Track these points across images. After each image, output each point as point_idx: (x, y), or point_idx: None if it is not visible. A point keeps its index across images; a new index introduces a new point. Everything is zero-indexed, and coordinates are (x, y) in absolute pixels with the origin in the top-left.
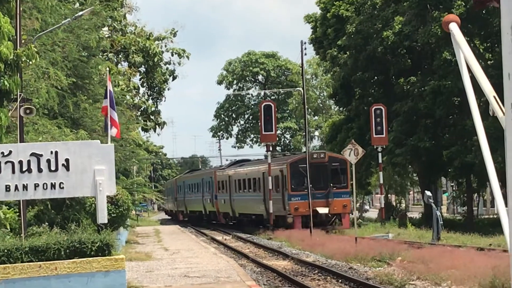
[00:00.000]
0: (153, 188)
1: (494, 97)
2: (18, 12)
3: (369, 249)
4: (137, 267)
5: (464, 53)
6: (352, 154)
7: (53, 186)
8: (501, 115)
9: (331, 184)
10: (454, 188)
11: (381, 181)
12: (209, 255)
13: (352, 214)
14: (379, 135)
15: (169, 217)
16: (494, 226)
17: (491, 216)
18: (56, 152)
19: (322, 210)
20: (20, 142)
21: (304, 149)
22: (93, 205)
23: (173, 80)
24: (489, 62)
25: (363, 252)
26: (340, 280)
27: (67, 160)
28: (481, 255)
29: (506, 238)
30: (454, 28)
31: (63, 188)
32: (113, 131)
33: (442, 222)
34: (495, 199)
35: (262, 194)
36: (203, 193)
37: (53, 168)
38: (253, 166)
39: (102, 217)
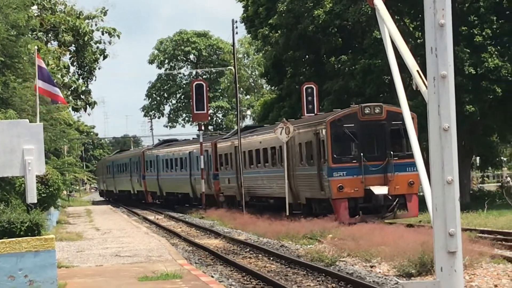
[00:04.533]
0: (84, 168)
1: (418, 71)
2: None
3: (301, 227)
4: (68, 247)
5: (389, 28)
6: (283, 132)
7: None
8: (424, 89)
9: (391, 152)
10: None
11: None
12: (140, 235)
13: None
14: (310, 114)
15: (104, 199)
16: (423, 203)
17: (420, 194)
18: None
19: (379, 190)
20: None
21: (236, 128)
22: (22, 185)
23: (103, 59)
24: (418, 41)
25: (295, 230)
26: (271, 258)
27: None
28: (411, 231)
29: (430, 214)
30: (379, 3)
31: None
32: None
33: None
34: (420, 177)
35: (286, 170)
36: (191, 170)
37: None
38: (272, 132)
39: (31, 197)
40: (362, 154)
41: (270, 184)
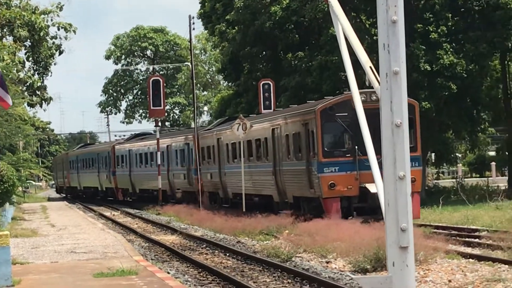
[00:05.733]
0: (40, 164)
1: (371, 67)
2: None
3: (257, 223)
4: (22, 244)
5: (342, 24)
6: (240, 128)
7: None
8: (377, 85)
9: None
10: None
11: None
12: (96, 231)
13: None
14: (267, 110)
15: (61, 196)
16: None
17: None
18: None
19: (375, 188)
20: None
21: (193, 124)
22: None
23: (59, 54)
24: (375, 37)
25: (251, 226)
26: (228, 254)
27: None
28: (366, 227)
29: (382, 209)
30: (333, 0)
31: None
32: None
33: None
34: (373, 172)
35: (272, 164)
36: (169, 166)
37: None
38: (257, 122)
39: None
40: (356, 147)
41: (255, 180)
